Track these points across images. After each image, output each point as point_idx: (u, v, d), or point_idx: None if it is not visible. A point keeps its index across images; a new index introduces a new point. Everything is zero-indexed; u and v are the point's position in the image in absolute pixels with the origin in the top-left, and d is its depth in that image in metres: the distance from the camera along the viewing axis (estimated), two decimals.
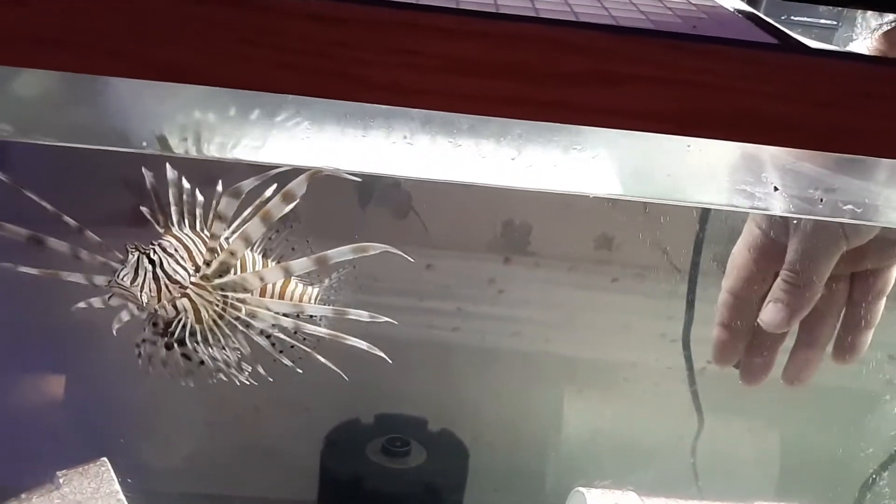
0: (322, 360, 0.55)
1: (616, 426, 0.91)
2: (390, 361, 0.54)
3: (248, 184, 0.51)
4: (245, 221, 0.54)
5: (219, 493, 0.81)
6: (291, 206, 0.50)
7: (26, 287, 0.82)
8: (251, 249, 0.57)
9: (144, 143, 0.48)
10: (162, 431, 0.88)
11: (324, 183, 0.52)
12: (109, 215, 0.77)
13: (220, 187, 0.54)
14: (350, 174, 0.48)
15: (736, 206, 0.53)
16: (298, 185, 0.50)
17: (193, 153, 0.49)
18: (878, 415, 0.88)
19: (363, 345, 0.54)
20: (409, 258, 0.52)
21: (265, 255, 0.59)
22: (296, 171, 0.50)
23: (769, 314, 0.62)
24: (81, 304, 0.54)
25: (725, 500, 0.77)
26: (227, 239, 0.54)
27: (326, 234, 0.66)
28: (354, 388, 0.87)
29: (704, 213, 0.79)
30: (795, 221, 0.58)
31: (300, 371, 0.58)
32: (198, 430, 0.88)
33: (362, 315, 0.55)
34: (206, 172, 0.56)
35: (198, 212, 0.56)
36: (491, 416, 0.90)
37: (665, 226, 0.89)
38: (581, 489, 0.75)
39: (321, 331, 0.55)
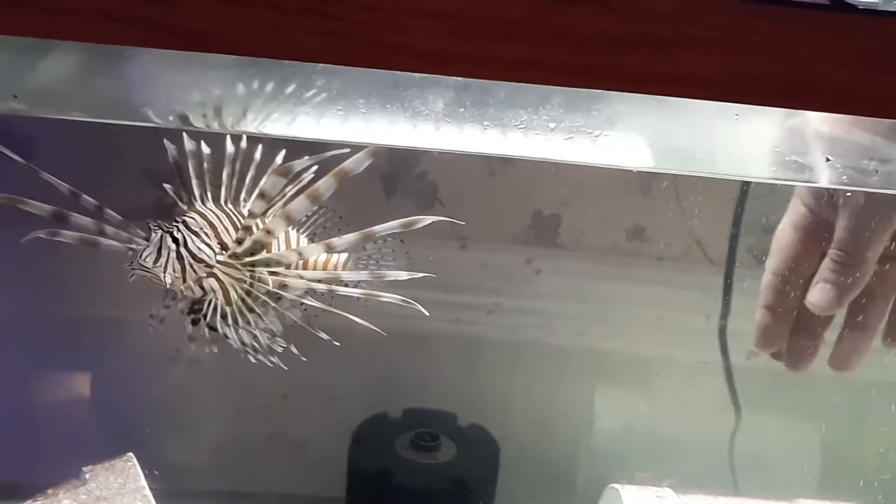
0: (359, 321, 0.53)
1: (651, 421, 0.89)
2: (427, 314, 0.52)
3: (299, 164, 0.49)
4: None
5: (247, 489, 0.80)
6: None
7: (49, 282, 0.82)
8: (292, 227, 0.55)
9: (171, 118, 0.47)
10: (190, 427, 0.87)
11: (340, 161, 0.50)
12: (134, 208, 0.77)
13: (231, 153, 0.53)
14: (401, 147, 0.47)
15: (785, 180, 0.50)
16: (354, 164, 0.48)
17: (216, 128, 0.48)
18: None
19: (398, 299, 0.53)
20: (461, 222, 0.50)
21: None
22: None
23: (817, 295, 0.59)
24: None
25: (766, 497, 0.74)
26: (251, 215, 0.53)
27: (352, 226, 0.64)
28: (383, 381, 0.86)
29: (740, 202, 0.77)
30: (846, 196, 0.56)
31: (337, 344, 0.56)
32: (225, 425, 0.87)
33: (400, 275, 0.53)
34: None
35: (224, 185, 0.54)
36: (522, 410, 0.88)
37: (699, 215, 0.87)
38: (616, 486, 0.73)
39: (355, 291, 0.53)
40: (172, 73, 0.47)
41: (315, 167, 0.50)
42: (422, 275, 0.52)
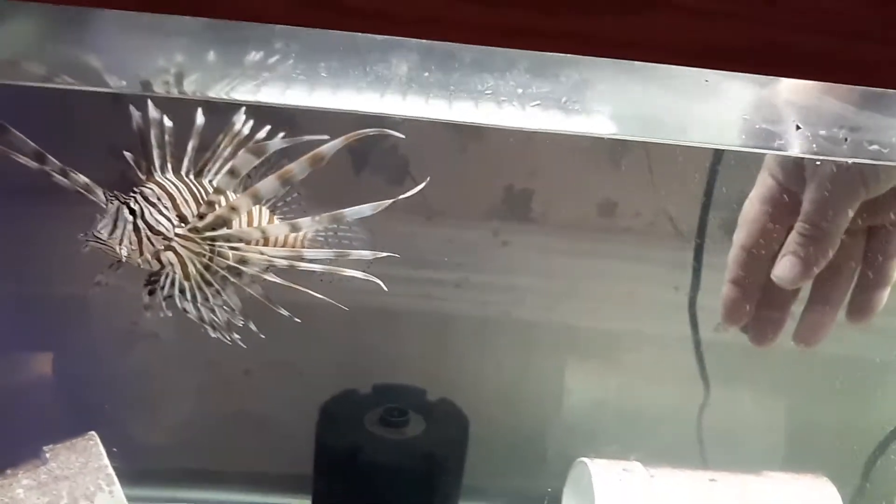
0: (320, 296, 0.52)
1: (620, 396, 0.89)
2: (386, 289, 0.51)
3: (274, 144, 0.48)
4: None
5: (214, 468, 0.78)
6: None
7: (8, 256, 0.80)
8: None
9: (124, 83, 0.45)
10: (153, 405, 0.85)
11: (316, 145, 0.49)
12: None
13: (200, 124, 0.51)
14: (393, 131, 0.45)
15: (755, 148, 0.50)
16: (330, 149, 0.47)
17: (176, 93, 0.46)
18: (888, 384, 0.86)
19: (360, 274, 0.52)
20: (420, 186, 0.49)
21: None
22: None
23: (783, 268, 0.59)
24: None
25: (732, 470, 0.75)
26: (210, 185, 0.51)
27: (319, 200, 0.63)
28: (350, 357, 0.85)
29: (711, 176, 0.77)
30: (814, 168, 0.55)
31: (298, 321, 0.55)
32: (189, 403, 0.86)
33: (364, 255, 0.52)
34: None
35: (188, 156, 0.52)
36: (491, 385, 0.88)
37: (670, 190, 0.86)
38: (585, 460, 0.73)
39: (317, 267, 0.52)
40: (132, 38, 0.45)
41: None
42: (386, 254, 0.51)
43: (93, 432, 0.71)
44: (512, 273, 0.88)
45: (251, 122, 0.55)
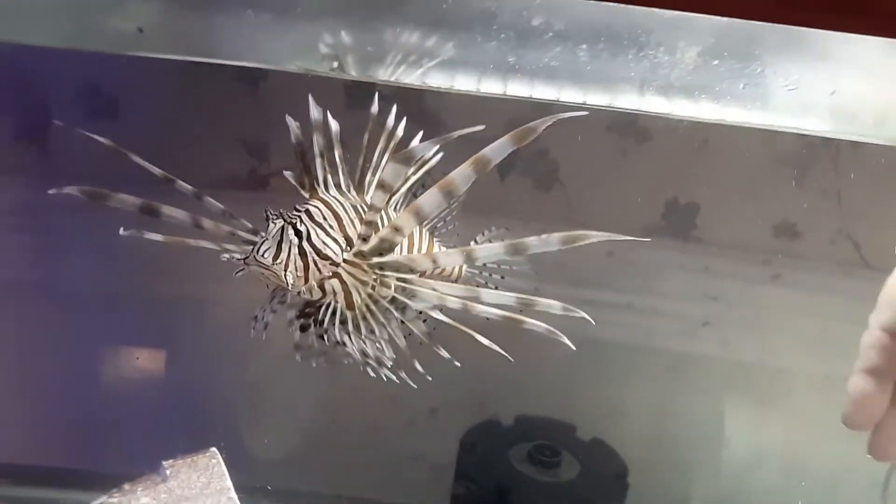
0: (489, 343, 0.44)
1: (792, 447, 0.78)
2: (573, 348, 0.44)
3: (422, 148, 0.40)
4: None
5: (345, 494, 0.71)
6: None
7: (131, 256, 0.74)
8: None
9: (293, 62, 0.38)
10: (279, 422, 0.79)
11: (461, 144, 0.41)
12: (224, 179, 0.69)
13: (335, 130, 0.44)
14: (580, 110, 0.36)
15: None
16: (495, 151, 0.39)
17: (354, 74, 0.38)
18: None
19: (542, 327, 0.43)
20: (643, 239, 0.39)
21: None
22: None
23: None
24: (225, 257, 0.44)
25: None
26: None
27: (465, 213, 0.55)
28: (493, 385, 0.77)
29: None
30: None
31: (458, 364, 0.47)
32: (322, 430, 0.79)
33: (553, 306, 0.43)
34: None
35: (339, 168, 0.45)
36: (646, 427, 0.78)
37: (861, 212, 0.75)
38: None
39: (495, 311, 0.44)
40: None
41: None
42: (581, 314, 0.42)
43: (214, 449, 0.65)
44: (674, 299, 0.78)
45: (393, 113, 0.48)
